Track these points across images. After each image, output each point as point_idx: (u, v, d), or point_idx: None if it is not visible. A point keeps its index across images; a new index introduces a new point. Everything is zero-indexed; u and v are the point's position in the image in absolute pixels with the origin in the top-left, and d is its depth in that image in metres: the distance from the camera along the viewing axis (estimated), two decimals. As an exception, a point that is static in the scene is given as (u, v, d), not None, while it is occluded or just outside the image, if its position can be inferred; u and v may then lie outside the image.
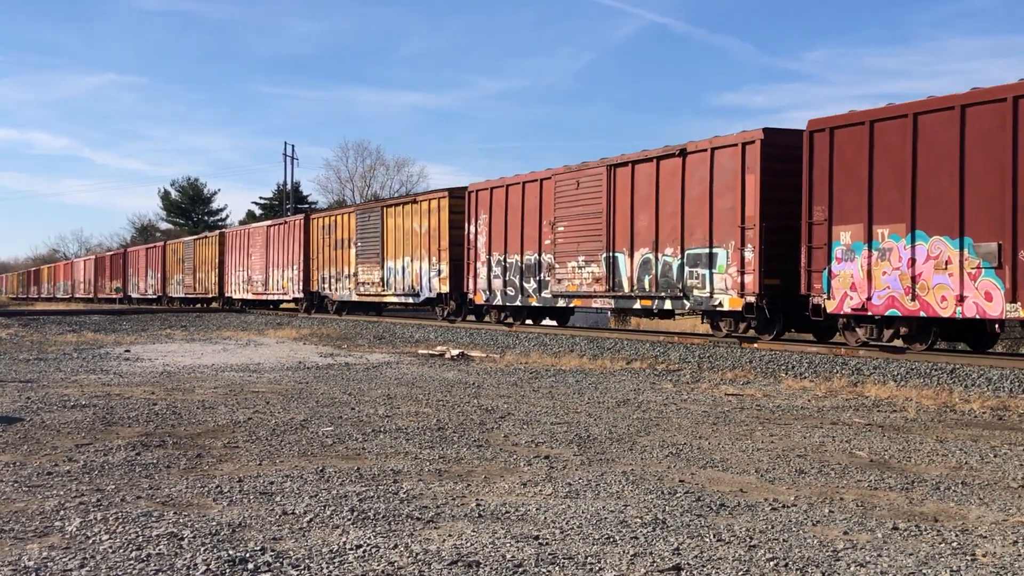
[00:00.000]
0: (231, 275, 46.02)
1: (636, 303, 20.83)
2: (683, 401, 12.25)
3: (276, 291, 40.50)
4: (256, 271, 42.51)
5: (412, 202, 30.38)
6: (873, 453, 8.54)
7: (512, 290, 24.93)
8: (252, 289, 43.03)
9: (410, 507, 6.28)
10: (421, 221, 29.08)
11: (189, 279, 51.57)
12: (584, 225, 22.11)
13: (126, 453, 8.21)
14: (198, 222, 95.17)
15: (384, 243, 31.30)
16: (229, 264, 46.31)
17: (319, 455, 8.21)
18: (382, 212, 31.70)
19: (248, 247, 43.69)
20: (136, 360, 18.38)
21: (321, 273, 36.19)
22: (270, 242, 40.84)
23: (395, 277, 30.69)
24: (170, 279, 55.58)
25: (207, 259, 49.00)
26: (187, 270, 51.94)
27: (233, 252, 45.87)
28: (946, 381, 13.49)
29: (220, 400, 11.85)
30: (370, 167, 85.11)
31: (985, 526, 5.96)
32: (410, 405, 11.51)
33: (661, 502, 6.50)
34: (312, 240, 36.86)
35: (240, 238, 45.36)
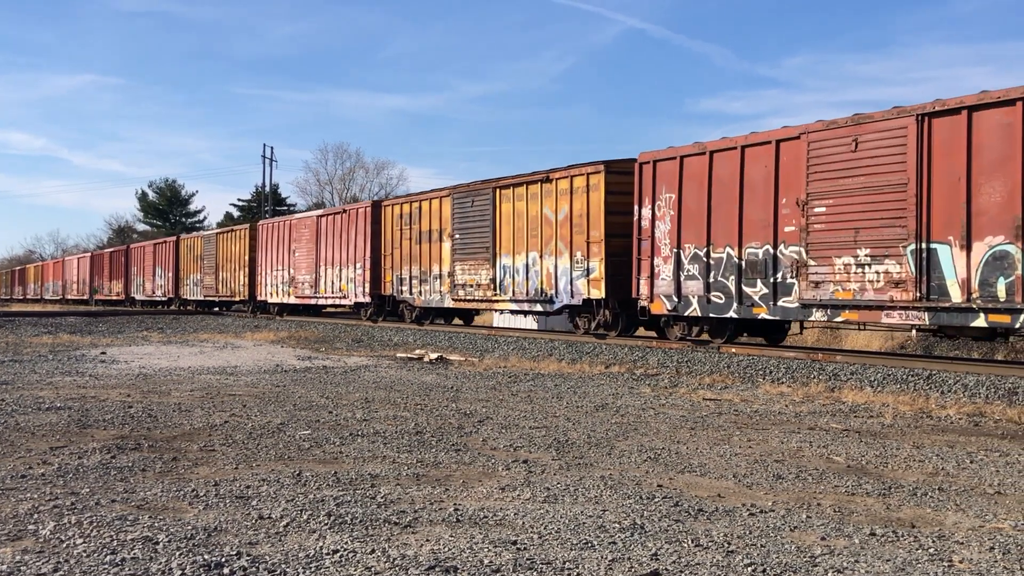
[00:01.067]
0: (265, 275, 38.97)
1: (980, 318, 13.78)
2: (661, 406, 12.25)
3: (330, 294, 33.64)
4: (302, 270, 35.60)
5: (543, 180, 22.83)
6: (850, 459, 8.57)
7: (721, 296, 17.98)
8: (296, 292, 36.14)
9: (388, 512, 6.25)
10: (557, 204, 22.26)
11: (210, 279, 44.33)
12: (868, 203, 15.22)
13: (101, 456, 8.14)
14: (175, 224, 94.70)
15: (496, 234, 24.42)
16: (263, 262, 39.09)
17: (296, 459, 8.17)
18: (494, 195, 24.48)
19: (290, 241, 36.68)
20: (112, 362, 18.26)
21: (397, 273, 29.36)
22: (321, 235, 34.04)
23: (515, 278, 23.82)
24: (184, 279, 48.32)
25: (233, 256, 41.97)
26: (207, 269, 44.74)
27: (269, 247, 38.53)
28: (923, 387, 13.55)
29: (196, 403, 11.78)
30: (350, 169, 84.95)
31: (962, 532, 5.97)
32: (388, 409, 11.47)
33: (639, 507, 6.50)
34: (385, 232, 30.09)
35: (279, 231, 37.92)
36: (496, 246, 24.41)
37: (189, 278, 47.57)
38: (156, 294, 52.52)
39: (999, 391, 12.81)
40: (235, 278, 41.79)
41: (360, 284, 31.33)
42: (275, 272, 37.97)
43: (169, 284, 50.18)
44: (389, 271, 29.87)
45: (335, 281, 33.05)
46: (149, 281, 53.62)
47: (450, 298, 26.55)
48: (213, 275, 43.94)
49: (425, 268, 27.78)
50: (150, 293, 53.57)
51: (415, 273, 28.36)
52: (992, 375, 13.57)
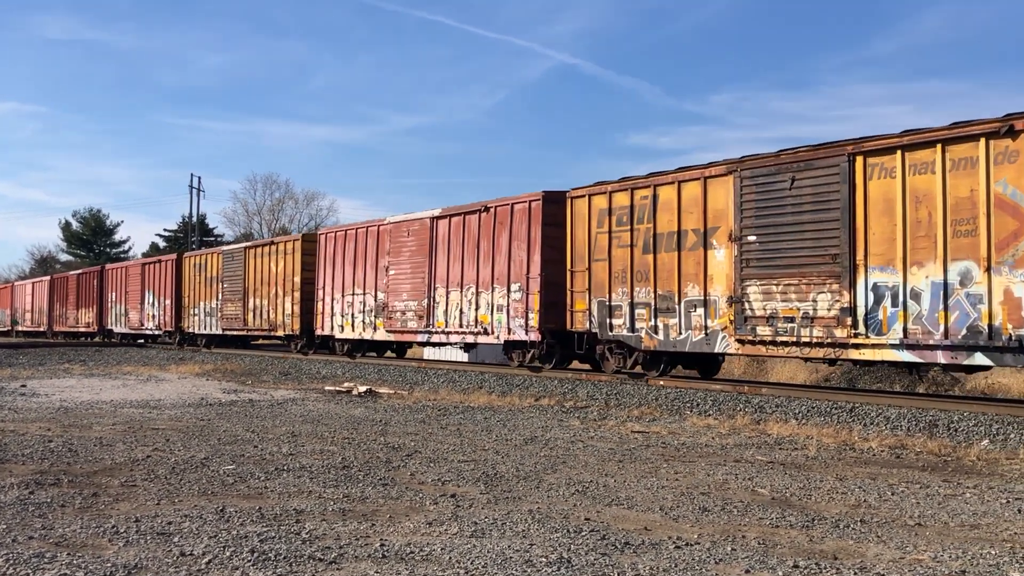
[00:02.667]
0: (329, 301, 28.84)
1: None
2: (590, 438, 12.29)
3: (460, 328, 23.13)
4: (403, 294, 25.25)
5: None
6: (775, 491, 8.66)
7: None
8: (392, 324, 25.70)
9: (312, 547, 6.18)
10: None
11: (234, 308, 34.41)
12: None
13: (19, 492, 7.95)
14: (99, 254, 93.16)
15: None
16: (327, 283, 28.92)
17: (220, 494, 8.05)
18: None
19: (377, 254, 26.53)
20: (32, 395, 17.86)
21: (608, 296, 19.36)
22: (438, 243, 23.93)
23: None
24: (190, 308, 38.42)
25: (276, 277, 31.74)
26: (229, 294, 34.96)
27: (337, 264, 28.46)
28: (846, 419, 13.76)
29: (118, 437, 11.56)
30: (279, 200, 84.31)
31: (883, 564, 6.06)
32: (315, 443, 11.36)
33: (567, 541, 6.50)
34: (575, 235, 19.95)
35: (355, 241, 27.68)
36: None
37: (199, 306, 37.74)
38: (147, 326, 42.64)
39: (920, 423, 13.05)
40: (276, 307, 31.68)
41: (520, 314, 21.25)
42: (347, 297, 27.98)
43: (167, 314, 40.35)
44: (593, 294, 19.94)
45: (464, 309, 23.07)
46: (135, 310, 43.87)
47: None
48: (239, 302, 34.04)
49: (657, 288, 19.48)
50: (136, 325, 43.67)
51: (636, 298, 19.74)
52: (914, 408, 13.83)
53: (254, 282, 33.09)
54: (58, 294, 55.35)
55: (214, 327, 36.28)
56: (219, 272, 35.78)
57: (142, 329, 43.24)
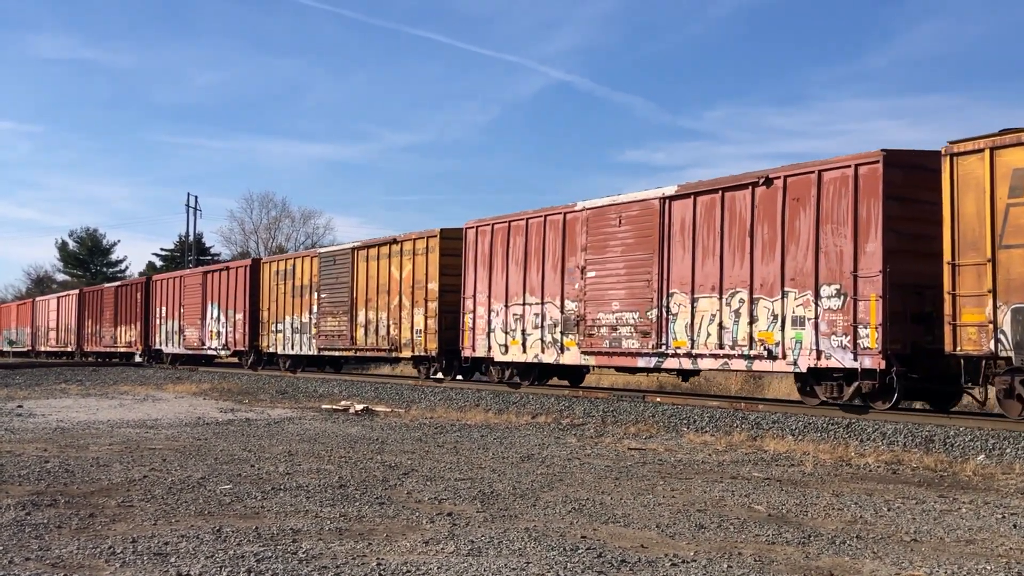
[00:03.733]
0: (489, 314, 22.34)
1: None
2: (587, 456, 12.30)
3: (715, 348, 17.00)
4: (613, 302, 18.99)
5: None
6: (771, 507, 8.67)
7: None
8: (594, 343, 19.34)
9: (309, 567, 6.18)
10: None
11: (335, 323, 28.40)
12: None
13: (15, 513, 7.95)
14: (96, 273, 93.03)
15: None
16: (480, 291, 22.67)
17: (217, 514, 8.05)
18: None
19: (559, 251, 20.37)
20: (29, 416, 17.84)
21: None
22: (673, 233, 17.98)
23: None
24: (271, 323, 32.27)
25: (399, 283, 25.65)
26: (329, 305, 28.79)
27: (496, 265, 22.24)
28: (842, 435, 13.78)
29: (115, 457, 11.55)
30: (275, 219, 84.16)
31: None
32: (312, 462, 11.36)
33: (563, 559, 6.51)
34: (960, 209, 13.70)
35: (529, 235, 21.37)
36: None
37: (283, 321, 31.45)
38: (209, 345, 36.33)
39: (916, 439, 13.07)
40: (400, 319, 25.47)
41: (840, 330, 15.08)
42: (513, 308, 21.58)
43: (238, 331, 33.89)
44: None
45: (725, 322, 16.91)
46: (194, 327, 37.35)
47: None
48: (343, 316, 27.97)
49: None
50: (195, 344, 37.26)
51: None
52: (910, 423, 13.84)
53: (365, 291, 26.87)
54: (90, 310, 48.80)
55: (305, 346, 29.99)
56: (313, 279, 29.48)
57: (203, 349, 36.81)
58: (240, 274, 34.10)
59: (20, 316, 62.11)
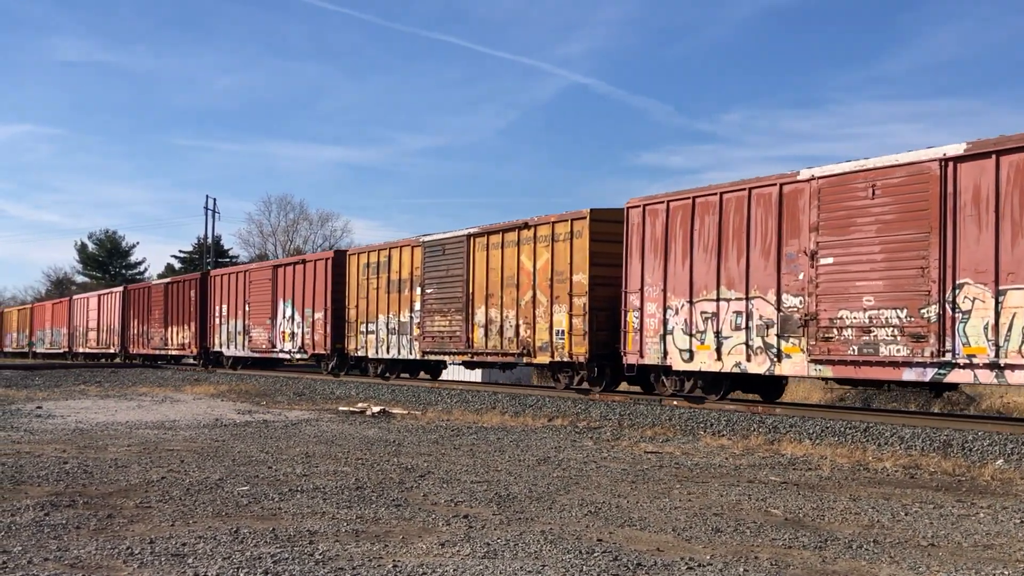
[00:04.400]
0: (662, 312, 18.50)
1: None
2: (603, 459, 12.29)
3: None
4: (864, 297, 15.00)
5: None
6: (788, 511, 8.65)
7: None
8: (833, 348, 15.35)
9: (325, 569, 6.21)
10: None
11: (444, 322, 24.18)
12: None
13: (34, 513, 8.00)
14: (115, 276, 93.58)
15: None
16: (648, 284, 18.83)
17: (234, 515, 8.08)
18: None
19: (770, 235, 16.59)
20: (48, 417, 17.95)
21: None
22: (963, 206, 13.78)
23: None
24: (359, 322, 28.12)
25: (530, 276, 21.48)
26: (436, 302, 24.56)
27: (672, 254, 18.36)
28: (860, 439, 13.73)
29: (133, 458, 11.61)
30: (293, 221, 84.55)
31: (895, 584, 6.05)
32: (329, 463, 11.39)
33: (579, 561, 6.51)
34: None
35: (724, 214, 17.43)
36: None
37: (375, 321, 27.27)
38: (282, 347, 32.02)
39: (934, 443, 13.02)
40: (533, 318, 21.31)
41: None
42: (700, 305, 17.76)
43: (318, 331, 29.85)
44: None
45: None
46: (262, 327, 33.18)
47: None
48: (456, 315, 23.65)
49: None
50: (264, 346, 33.19)
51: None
52: (928, 427, 13.79)
53: (485, 285, 22.64)
54: (135, 308, 44.53)
55: (405, 349, 25.96)
56: (415, 272, 25.34)
57: (273, 351, 32.45)
58: (320, 268, 29.89)
59: (56, 316, 57.32)
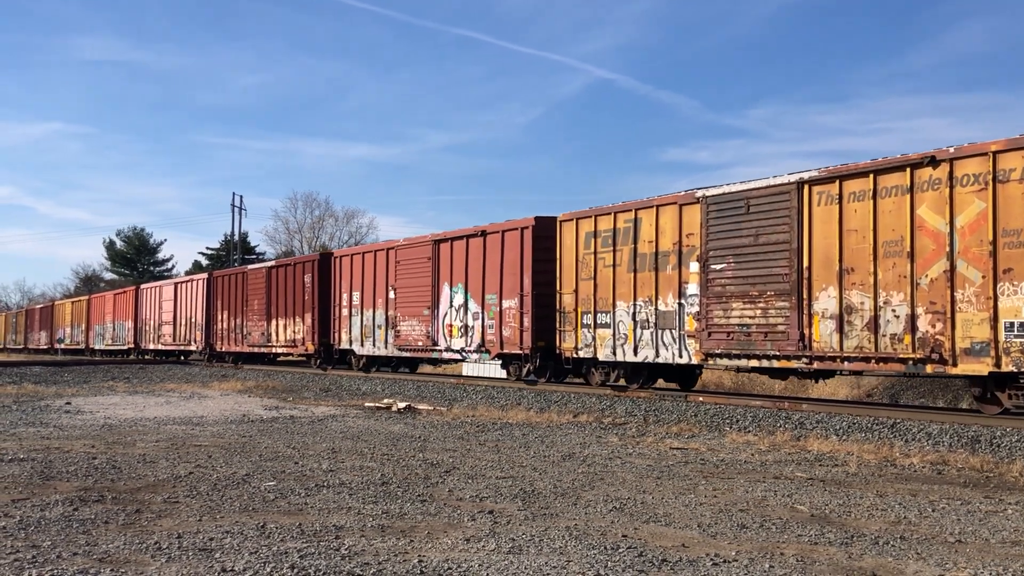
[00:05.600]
0: None
1: None
2: (628, 455, 12.28)
3: None
4: None
5: None
6: (814, 507, 8.62)
7: None
8: None
9: (351, 564, 6.24)
10: None
11: (752, 312, 17.10)
12: None
13: (63, 508, 8.08)
14: (143, 272, 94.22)
15: None
16: None
17: (261, 510, 8.13)
18: None
19: None
20: (77, 413, 18.09)
21: None
22: None
23: None
24: (577, 312, 20.97)
25: (943, 241, 14.11)
26: (730, 282, 17.51)
27: None
28: (887, 435, 13.66)
29: (161, 454, 11.70)
30: (319, 218, 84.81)
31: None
32: (354, 459, 11.44)
33: (604, 557, 6.51)
34: None
35: None
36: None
37: (612, 311, 20.02)
38: (448, 345, 25.01)
39: (962, 439, 12.93)
40: (940, 304, 14.21)
41: None
42: None
43: (509, 327, 22.62)
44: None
45: None
46: (416, 318, 26.37)
47: None
48: (783, 301, 16.56)
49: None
50: (419, 343, 26.24)
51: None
52: (956, 424, 13.70)
53: (837, 255, 15.68)
54: (224, 298, 38.21)
55: (666, 347, 18.72)
56: (686, 241, 18.23)
57: (434, 349, 25.63)
58: (513, 240, 22.57)
59: (119, 308, 51.08)
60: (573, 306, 21.00)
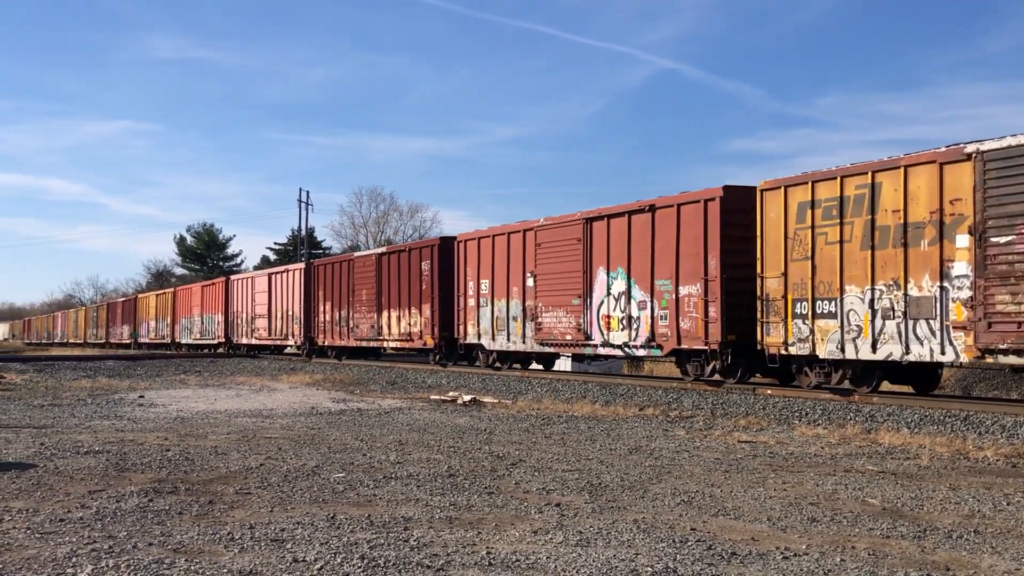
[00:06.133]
0: None
1: None
2: (696, 448, 12.21)
3: None
4: None
5: None
6: (886, 501, 8.51)
7: None
8: None
9: (420, 555, 6.28)
10: None
11: None
12: None
13: (138, 499, 8.23)
14: (213, 268, 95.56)
15: None
16: None
17: (330, 502, 8.22)
18: None
19: None
20: (150, 406, 18.43)
21: None
22: None
23: None
24: (787, 298, 16.97)
25: None
26: None
27: None
28: (960, 428, 13.43)
29: (232, 446, 11.87)
30: (384, 213, 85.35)
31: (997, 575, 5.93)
32: (421, 451, 11.51)
33: (672, 551, 6.49)
34: None
35: None
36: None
37: (841, 297, 16.18)
38: (606, 339, 21.31)
39: (1038, 432, 12.66)
40: None
41: None
42: None
43: (688, 316, 19.09)
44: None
45: None
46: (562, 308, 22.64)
47: None
48: None
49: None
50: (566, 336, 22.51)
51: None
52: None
53: None
54: (327, 288, 35.32)
55: (924, 342, 14.85)
56: (949, 209, 14.53)
57: (586, 344, 21.89)
58: (692, 215, 19.09)
59: (207, 300, 48.49)
60: (781, 292, 17.13)
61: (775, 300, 17.26)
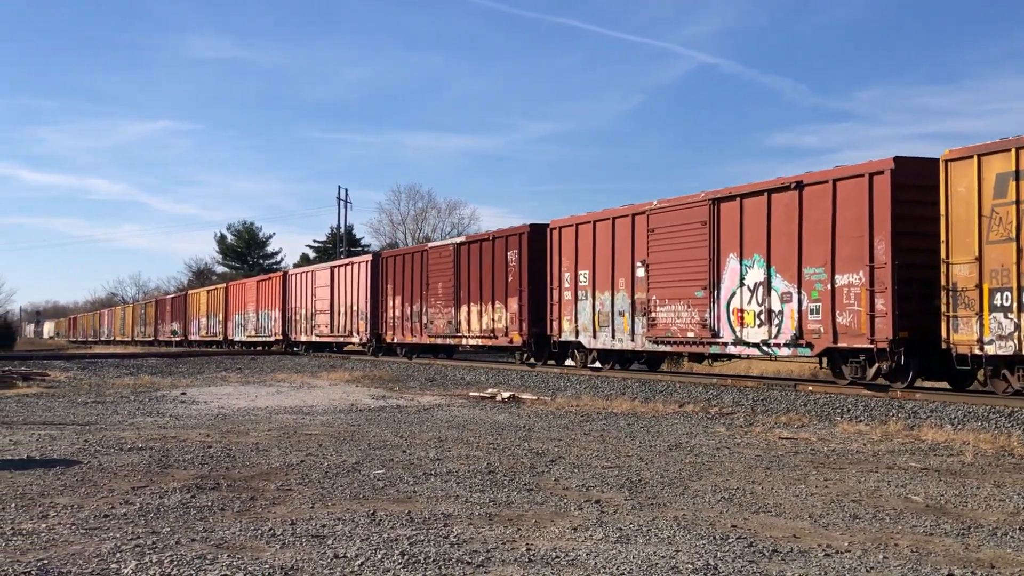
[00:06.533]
0: None
1: None
2: (736, 445, 12.15)
3: None
4: None
5: None
6: (929, 498, 8.42)
7: None
8: None
9: (460, 551, 6.29)
10: None
11: None
12: None
13: (181, 496, 8.31)
14: (253, 266, 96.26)
15: None
16: None
17: (371, 498, 8.26)
18: None
19: None
20: (192, 403, 18.59)
21: None
22: None
23: None
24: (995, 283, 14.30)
25: None
26: None
27: None
28: (1004, 424, 13.27)
29: (273, 443, 11.95)
30: (422, 210, 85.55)
31: (1044, 574, 5.85)
32: (461, 448, 11.53)
33: (713, 548, 6.46)
34: None
35: None
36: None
37: None
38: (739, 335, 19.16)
39: (1085, 429, 12.49)
40: None
41: None
42: None
43: (848, 310, 16.70)
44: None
45: None
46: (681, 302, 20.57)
47: None
48: None
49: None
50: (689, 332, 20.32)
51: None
52: (1077, 412, 13.22)
53: None
54: (396, 282, 33.37)
55: None
56: None
57: (713, 341, 19.77)
58: (852, 192, 16.78)
59: (263, 296, 46.45)
60: (974, 281, 14.66)
61: (966, 290, 14.78)
